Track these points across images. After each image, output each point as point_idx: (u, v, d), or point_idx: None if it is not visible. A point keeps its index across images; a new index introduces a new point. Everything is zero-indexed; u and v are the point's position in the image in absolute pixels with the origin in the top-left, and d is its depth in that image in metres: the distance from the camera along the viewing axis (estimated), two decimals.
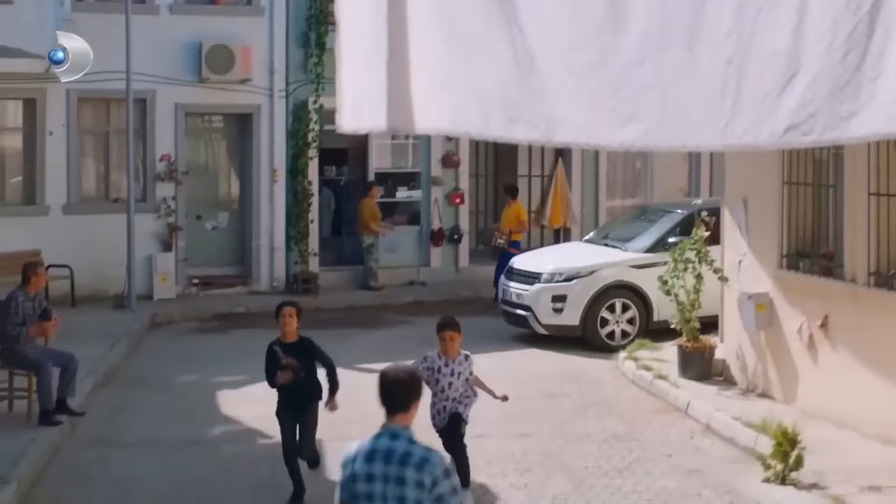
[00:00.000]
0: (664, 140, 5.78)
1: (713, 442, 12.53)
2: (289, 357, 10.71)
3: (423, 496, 5.68)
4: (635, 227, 19.71)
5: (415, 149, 25.05)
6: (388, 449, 5.79)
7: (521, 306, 18.09)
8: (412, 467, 5.70)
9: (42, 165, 21.59)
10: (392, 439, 5.82)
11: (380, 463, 5.77)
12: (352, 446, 5.97)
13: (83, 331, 17.14)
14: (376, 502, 5.75)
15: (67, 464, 11.91)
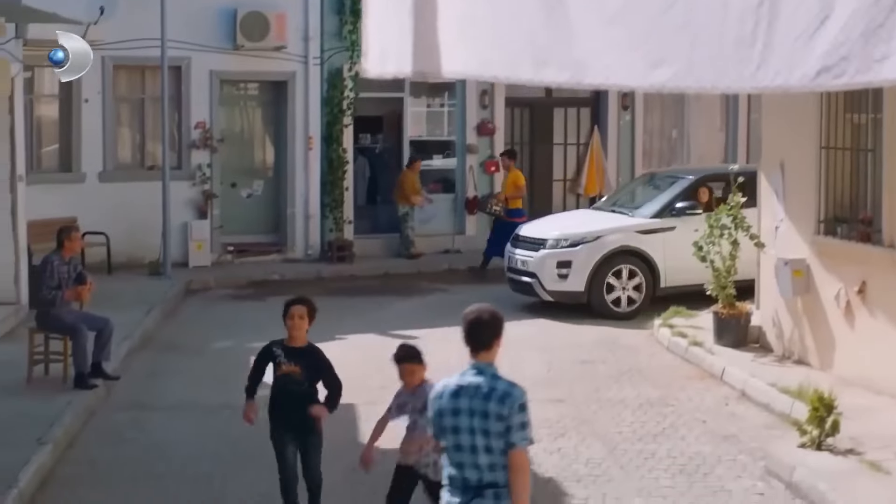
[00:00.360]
0: (694, 82, 5.73)
1: (748, 408, 12.45)
2: (291, 363, 8.98)
3: (502, 427, 6.08)
4: (643, 193, 19.62)
5: (450, 117, 25.02)
6: (473, 385, 6.20)
7: (525, 273, 17.89)
8: (495, 401, 6.11)
9: (78, 133, 21.63)
10: (477, 375, 6.24)
11: (465, 398, 6.18)
12: (439, 384, 6.42)
13: (119, 297, 17.20)
14: (462, 435, 6.17)
15: (102, 427, 11.96)
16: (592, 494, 9.85)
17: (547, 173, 25.18)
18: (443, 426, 6.28)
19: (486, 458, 6.15)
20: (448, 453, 6.32)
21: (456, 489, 6.26)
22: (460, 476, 6.24)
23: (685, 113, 26.15)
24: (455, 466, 6.27)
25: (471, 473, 6.20)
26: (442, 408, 6.27)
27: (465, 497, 6.21)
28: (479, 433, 6.13)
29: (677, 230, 17.55)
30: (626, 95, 24.95)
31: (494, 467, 6.15)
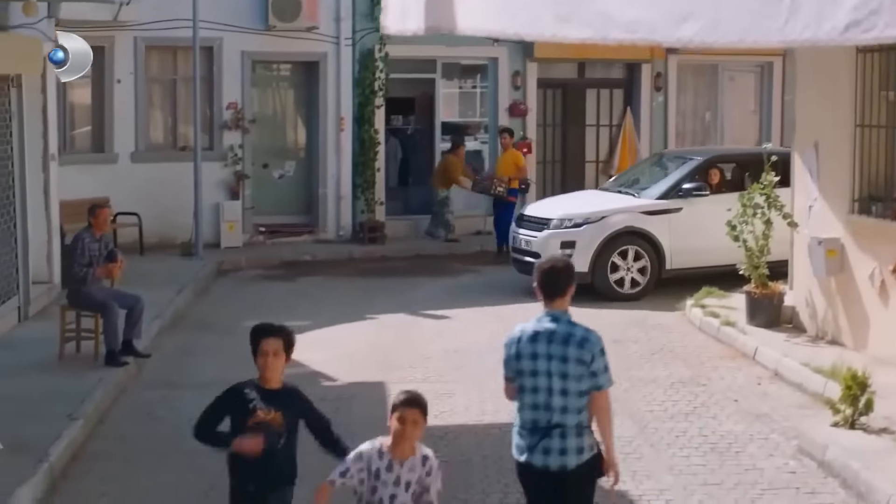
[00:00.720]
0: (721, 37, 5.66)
1: (781, 388, 12.36)
2: (270, 409, 7.13)
3: (582, 371, 6.53)
4: (651, 173, 19.46)
5: (482, 98, 24.95)
6: (550, 330, 6.60)
7: (529, 253, 17.64)
8: (574, 346, 6.54)
9: (110, 114, 21.69)
10: (553, 322, 6.63)
11: (543, 343, 6.59)
12: (515, 329, 6.77)
13: (150, 277, 17.28)
14: (540, 378, 6.59)
15: (133, 403, 11.99)
16: (622, 472, 9.70)
17: (579, 154, 25.07)
18: (520, 369, 6.68)
19: (560, 401, 6.56)
20: (523, 396, 6.70)
21: (525, 431, 6.70)
22: (531, 418, 6.66)
23: (719, 95, 26.02)
24: (529, 409, 6.67)
25: (542, 415, 6.61)
26: (521, 351, 6.67)
27: (534, 439, 6.64)
28: (557, 376, 6.55)
29: (684, 211, 17.46)
30: (658, 76, 24.84)
31: (566, 409, 6.57)
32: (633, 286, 17.31)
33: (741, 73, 26.37)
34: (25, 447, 9.87)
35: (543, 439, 6.61)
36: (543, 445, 6.63)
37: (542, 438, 6.61)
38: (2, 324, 14.32)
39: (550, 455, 6.63)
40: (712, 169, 18.58)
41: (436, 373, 13.14)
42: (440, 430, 10.94)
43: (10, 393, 11.48)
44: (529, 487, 6.86)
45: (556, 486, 6.66)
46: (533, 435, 6.65)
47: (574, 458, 6.63)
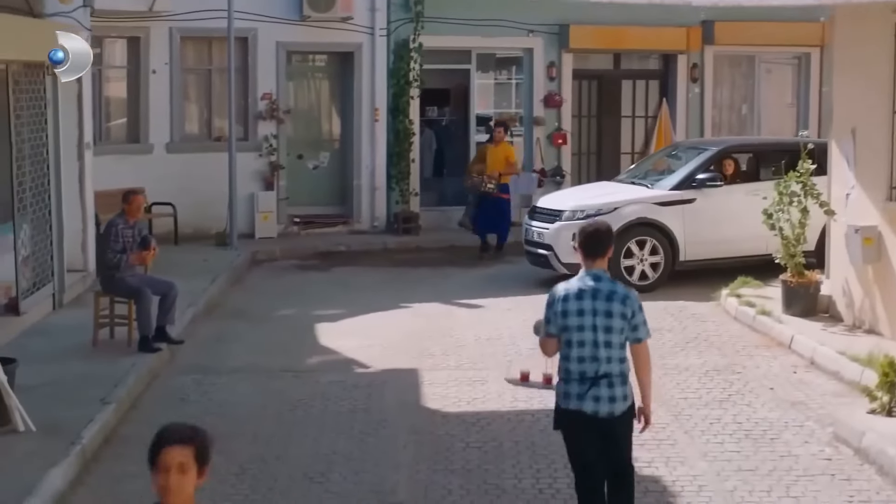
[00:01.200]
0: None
1: (817, 376, 12.24)
2: None
3: (623, 325, 7.17)
4: (665, 164, 19.27)
5: (517, 89, 24.87)
6: (594, 288, 7.20)
7: (541, 245, 17.51)
8: (618, 301, 7.17)
9: (146, 104, 21.74)
10: (595, 280, 7.26)
11: (588, 300, 7.17)
12: (557, 289, 7.33)
13: (185, 267, 17.30)
14: (587, 332, 7.14)
15: (165, 388, 12.00)
16: (656, 458, 9.72)
17: (615, 146, 24.95)
18: (567, 325, 7.20)
19: (606, 352, 7.14)
20: (570, 349, 7.21)
21: (573, 381, 7.21)
22: (579, 370, 7.18)
23: (755, 86, 25.82)
24: (576, 361, 7.18)
25: (590, 366, 7.14)
26: (568, 308, 7.21)
27: (583, 388, 7.17)
28: (602, 330, 7.13)
29: (697, 202, 17.30)
30: (695, 67, 24.68)
31: (610, 360, 7.16)
32: (642, 278, 17.06)
33: (778, 65, 26.20)
34: (58, 430, 9.90)
35: (592, 388, 7.16)
36: (593, 394, 7.16)
37: (591, 387, 7.16)
38: (37, 311, 14.36)
39: (600, 402, 7.17)
40: (727, 159, 18.45)
41: (469, 360, 13.09)
42: (472, 416, 10.92)
43: (45, 378, 11.49)
44: (575, 433, 7.34)
45: (603, 430, 7.22)
46: (582, 384, 7.17)
47: (621, 404, 7.23)
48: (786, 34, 24.48)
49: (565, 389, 7.29)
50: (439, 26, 22.56)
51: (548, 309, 7.33)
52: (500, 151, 20.63)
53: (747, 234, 16.65)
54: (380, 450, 10.02)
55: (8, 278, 13.69)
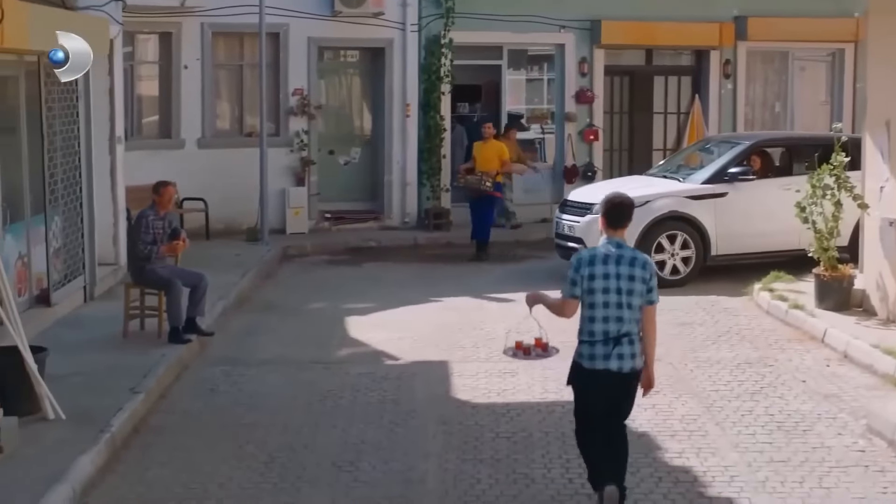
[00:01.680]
0: None
1: (850, 369, 12.12)
2: None
3: (642, 288, 7.84)
4: (696, 158, 19.11)
5: (548, 86, 24.79)
6: (618, 254, 7.86)
7: (572, 238, 17.34)
8: (639, 267, 7.86)
9: (177, 100, 21.78)
10: (618, 248, 7.90)
11: (613, 265, 7.81)
12: (582, 254, 7.95)
13: (216, 261, 17.37)
14: (611, 294, 7.76)
15: (195, 379, 11.99)
16: (687, 448, 9.65)
17: (647, 142, 24.85)
18: (593, 288, 7.79)
19: (627, 313, 7.79)
20: (594, 310, 7.79)
21: (597, 342, 7.80)
22: (603, 328, 7.79)
23: (789, 85, 25.69)
24: (601, 321, 7.78)
25: (613, 326, 7.77)
26: (594, 272, 7.81)
27: (608, 348, 7.79)
28: (625, 293, 7.78)
29: (729, 196, 17.16)
30: (727, 63, 24.57)
31: (630, 321, 7.81)
32: (673, 273, 16.96)
33: (812, 62, 26.05)
34: (88, 419, 9.90)
35: (616, 347, 7.78)
36: (617, 352, 7.78)
37: (615, 346, 7.77)
38: (68, 302, 14.40)
39: (623, 360, 7.81)
40: (759, 153, 18.32)
41: (499, 352, 12.93)
42: (502, 407, 10.87)
43: (75, 368, 11.51)
44: (595, 390, 7.93)
45: (621, 385, 7.91)
46: (606, 344, 7.78)
47: (639, 360, 7.92)
48: (820, 30, 24.36)
49: (591, 352, 7.84)
50: (470, 22, 22.53)
51: (574, 272, 7.86)
52: (490, 149, 19.95)
53: (780, 228, 16.56)
54: (409, 440, 9.98)
55: (40, 269, 13.73)
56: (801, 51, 25.45)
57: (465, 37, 22.65)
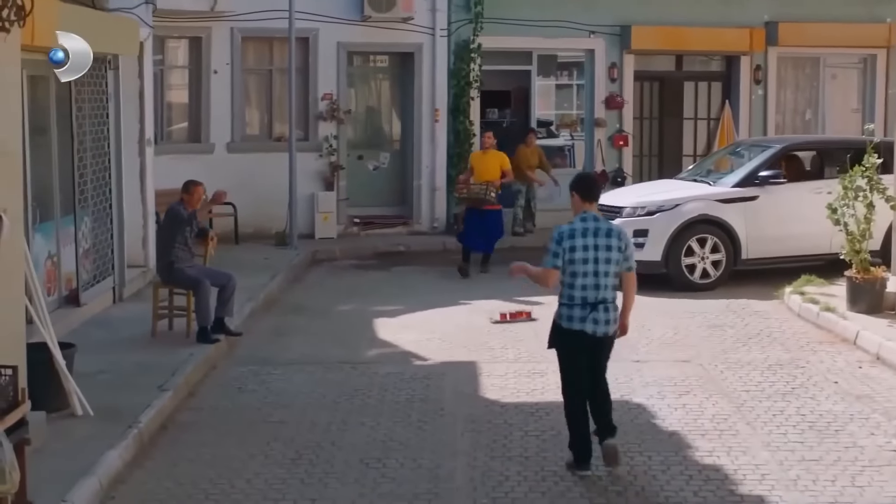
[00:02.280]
0: None
1: (883, 371, 12.02)
2: None
3: (618, 257, 8.78)
4: (727, 162, 18.99)
5: (578, 91, 24.71)
6: (595, 227, 8.76)
7: None
8: (615, 237, 8.78)
9: (207, 104, 21.80)
10: (595, 221, 8.80)
11: (591, 237, 8.72)
12: (562, 229, 8.83)
13: (245, 265, 17.33)
14: (590, 264, 8.70)
15: (223, 378, 11.97)
16: (717, 447, 9.56)
17: (677, 148, 24.73)
18: (574, 259, 8.70)
19: (604, 281, 8.74)
20: (574, 279, 8.73)
21: (576, 305, 8.78)
22: (582, 295, 8.75)
23: (820, 91, 25.53)
24: (580, 288, 8.74)
25: (591, 293, 8.74)
26: (575, 245, 8.71)
27: (585, 312, 8.77)
28: (603, 262, 8.72)
29: (760, 199, 17.05)
30: (758, 69, 24.44)
31: (607, 287, 8.76)
32: (703, 277, 16.86)
33: (843, 69, 25.89)
34: (116, 415, 9.92)
35: (593, 312, 8.76)
36: (593, 317, 8.78)
37: (592, 311, 8.76)
38: (97, 303, 14.42)
39: (598, 324, 8.81)
40: (790, 157, 18.22)
41: (527, 353, 12.97)
42: (531, 407, 10.82)
43: (103, 366, 11.53)
44: (573, 348, 8.94)
45: (596, 346, 8.90)
46: (584, 308, 8.77)
47: (613, 326, 8.90)
48: (851, 35, 24.23)
49: (569, 313, 8.85)
50: (500, 27, 22.49)
51: (556, 245, 8.77)
52: (491, 159, 18.81)
53: (811, 232, 16.46)
54: (437, 437, 9.93)
55: (69, 269, 13.75)
56: (833, 56, 25.28)
57: (494, 42, 22.62)
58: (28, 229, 11.93)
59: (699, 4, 23.64)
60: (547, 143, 24.14)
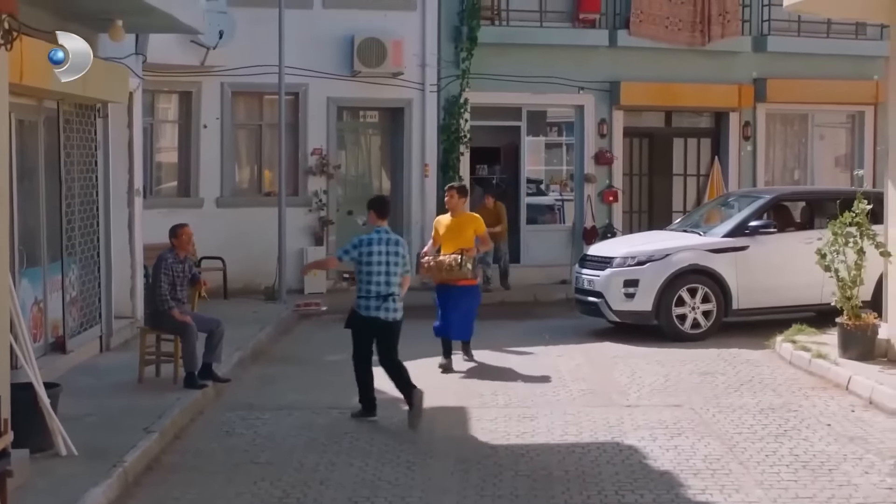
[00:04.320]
0: None
1: (876, 414, 11.92)
2: None
3: (399, 261, 11.75)
4: (717, 213, 18.99)
5: (568, 149, 24.74)
6: (386, 239, 11.77)
7: (592, 293, 17.23)
8: (400, 247, 11.88)
9: (196, 158, 21.79)
10: (386, 234, 11.85)
11: (384, 245, 11.72)
12: (362, 238, 11.74)
13: (234, 318, 17.12)
14: (381, 266, 11.64)
15: (211, 422, 11.85)
16: (710, 486, 9.45)
17: (666, 204, 24.73)
18: (370, 261, 11.62)
19: (393, 279, 11.71)
20: (370, 276, 11.63)
21: (371, 297, 11.71)
22: (376, 290, 11.67)
23: (808, 149, 25.63)
24: (375, 284, 11.64)
25: (384, 288, 11.67)
26: (371, 251, 11.64)
27: (378, 302, 11.70)
28: (392, 265, 11.70)
29: (751, 249, 17.03)
30: (747, 125, 24.53)
31: (393, 285, 11.71)
32: (694, 327, 16.79)
33: (831, 128, 26.03)
34: (101, 455, 9.80)
35: (384, 302, 11.68)
36: (384, 306, 11.69)
37: (383, 302, 11.67)
38: (84, 350, 14.30)
39: (388, 312, 11.73)
40: (780, 207, 18.23)
41: (518, 399, 12.89)
42: (522, 448, 10.72)
43: (89, 409, 11.42)
44: (366, 331, 11.85)
45: (386, 330, 11.80)
46: (377, 299, 11.68)
47: (400, 314, 11.86)
48: (839, 92, 24.40)
49: (366, 304, 11.71)
50: (489, 83, 22.58)
51: (352, 248, 11.76)
52: (463, 223, 14.97)
53: (802, 282, 16.43)
54: (426, 477, 9.82)
55: (56, 316, 13.64)
56: (821, 113, 25.43)
57: (484, 97, 22.71)
58: (14, 272, 11.86)
59: (688, 61, 23.79)
60: (535, 202, 24.17)
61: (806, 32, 24.45)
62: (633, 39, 23.46)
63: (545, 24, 23.41)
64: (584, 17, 23.59)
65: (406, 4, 22.54)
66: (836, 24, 24.37)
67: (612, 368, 14.65)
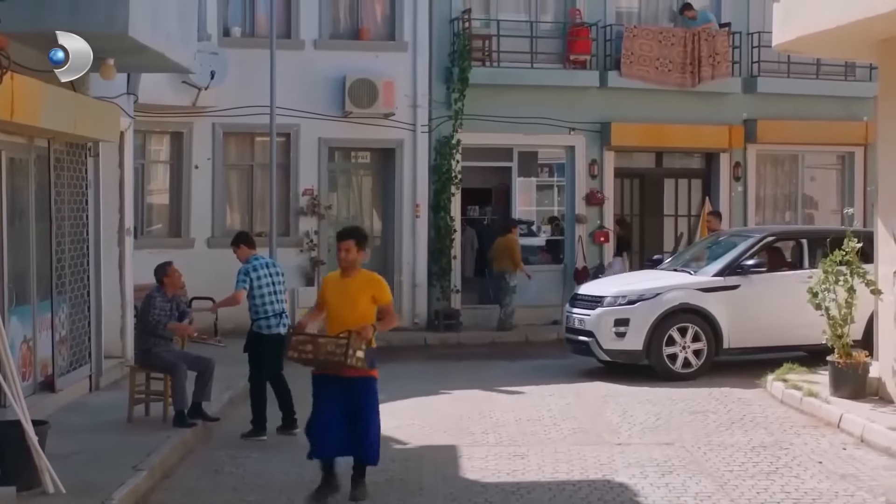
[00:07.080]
0: None
1: (867, 452, 11.89)
2: None
3: (283, 281, 13.40)
4: (708, 252, 18.98)
5: (559, 191, 24.79)
6: (267, 263, 13.39)
7: (582, 332, 17.22)
8: (278, 267, 13.54)
9: (188, 199, 21.85)
10: (265, 259, 13.50)
11: (269, 269, 13.26)
12: (247, 266, 13.18)
13: (224, 357, 17.01)
14: (272, 286, 13.16)
15: (200, 461, 11.81)
16: None
17: (657, 244, 24.73)
18: (261, 285, 13.04)
19: (280, 297, 13.23)
20: (264, 298, 13.04)
21: (270, 316, 13.08)
22: (273, 309, 13.08)
23: (799, 189, 25.71)
24: (270, 304, 13.07)
25: (278, 306, 13.15)
26: (260, 275, 13.09)
27: (277, 319, 13.09)
28: (279, 285, 13.25)
29: (742, 289, 17.03)
30: (738, 166, 24.59)
31: (282, 302, 13.29)
32: (685, 366, 16.76)
33: (822, 168, 26.11)
34: (89, 492, 9.76)
35: (280, 319, 13.11)
36: (281, 322, 13.11)
37: (280, 319, 13.11)
38: (73, 390, 14.25)
39: (282, 327, 13.03)
40: (771, 247, 18.25)
41: (508, 438, 12.85)
42: (512, 486, 10.67)
43: (77, 447, 11.37)
44: (269, 348, 12.98)
45: (281, 345, 12.12)
46: (276, 317, 13.09)
47: (286, 328, 12.93)
48: (829, 133, 24.52)
49: (268, 323, 13.06)
50: (481, 123, 22.65)
51: (245, 276, 13.05)
52: (360, 286, 10.35)
53: (793, 321, 16.41)
54: None
55: (45, 355, 13.59)
56: (812, 153, 25.53)
57: (475, 138, 22.78)
58: (4, 310, 11.84)
59: (678, 102, 23.89)
60: (527, 243, 24.18)
61: (796, 74, 24.55)
62: (623, 81, 23.57)
63: (536, 66, 23.48)
64: (575, 59, 23.71)
65: (397, 45, 22.65)
66: (826, 65, 24.47)
67: (603, 407, 14.62)
